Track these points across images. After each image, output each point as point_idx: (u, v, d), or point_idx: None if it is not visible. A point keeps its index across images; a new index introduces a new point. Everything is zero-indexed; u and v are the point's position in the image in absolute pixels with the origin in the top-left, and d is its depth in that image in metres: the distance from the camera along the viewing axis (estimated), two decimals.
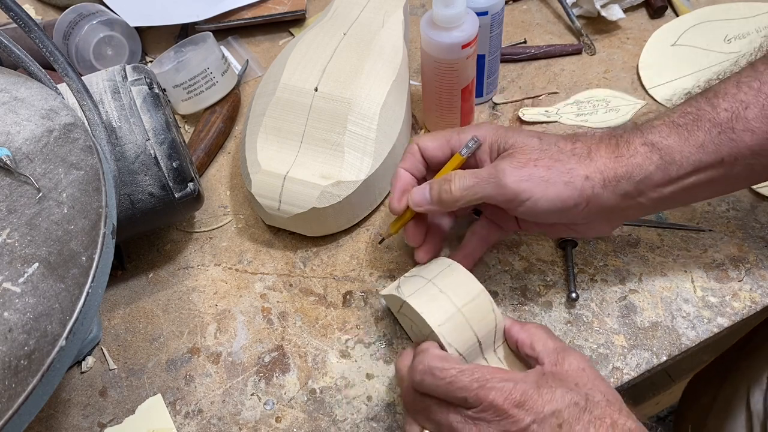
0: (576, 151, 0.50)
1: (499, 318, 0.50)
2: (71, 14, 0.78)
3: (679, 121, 0.49)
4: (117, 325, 0.61)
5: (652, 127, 0.50)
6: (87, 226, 0.42)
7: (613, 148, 0.50)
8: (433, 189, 0.52)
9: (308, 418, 0.54)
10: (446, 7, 0.61)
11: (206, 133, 0.72)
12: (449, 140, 0.54)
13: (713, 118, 0.48)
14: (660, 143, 0.49)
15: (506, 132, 0.52)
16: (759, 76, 0.48)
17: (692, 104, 0.50)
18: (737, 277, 0.59)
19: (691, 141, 0.48)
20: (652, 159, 0.49)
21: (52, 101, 0.49)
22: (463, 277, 0.51)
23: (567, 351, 0.46)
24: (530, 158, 0.49)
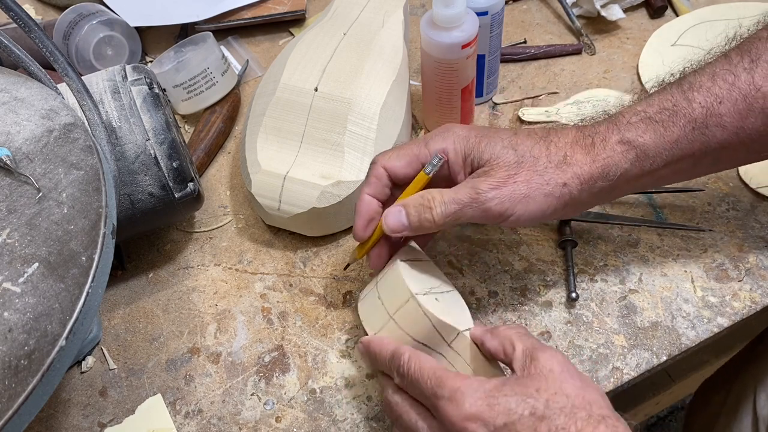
0: (551, 157, 0.49)
1: (438, 319, 0.48)
2: (71, 14, 0.78)
3: (656, 118, 0.49)
4: (117, 325, 0.61)
5: (629, 123, 0.49)
6: (87, 226, 0.42)
7: (589, 149, 0.49)
8: (411, 215, 0.50)
9: (308, 418, 0.54)
10: (446, 7, 0.61)
11: (206, 133, 0.72)
12: (417, 155, 0.52)
13: (689, 114, 0.49)
14: (636, 141, 0.49)
15: (478, 142, 0.50)
16: (733, 69, 0.49)
17: (668, 98, 0.50)
18: (737, 277, 0.59)
19: (666, 137, 0.49)
20: (627, 157, 0.49)
21: (52, 101, 0.49)
22: (397, 281, 0.50)
23: (537, 352, 0.44)
24: (508, 175, 0.48)
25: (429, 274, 0.53)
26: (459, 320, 0.50)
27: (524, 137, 0.50)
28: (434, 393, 0.43)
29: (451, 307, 0.51)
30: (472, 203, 0.48)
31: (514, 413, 0.41)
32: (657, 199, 0.65)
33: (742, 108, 0.48)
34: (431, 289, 0.51)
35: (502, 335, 0.47)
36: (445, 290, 0.53)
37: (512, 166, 0.49)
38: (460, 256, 0.62)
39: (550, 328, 0.57)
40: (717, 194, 0.64)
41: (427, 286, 0.51)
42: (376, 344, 0.49)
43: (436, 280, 0.53)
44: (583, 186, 0.49)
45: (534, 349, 0.44)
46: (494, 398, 0.41)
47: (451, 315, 0.49)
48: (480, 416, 0.41)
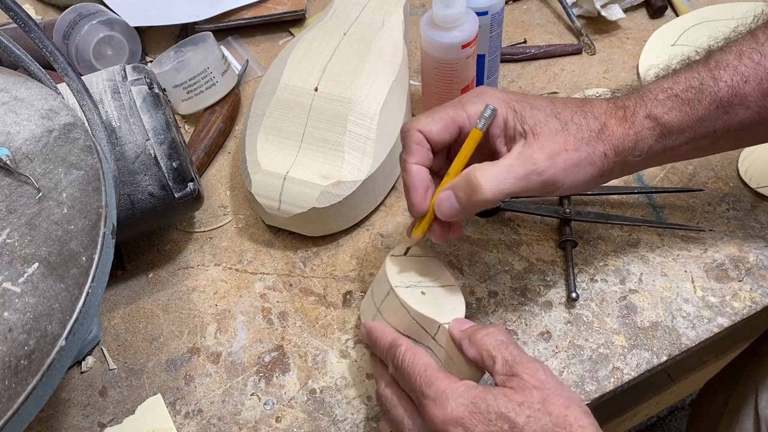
0: (591, 126, 0.48)
1: (416, 311, 0.49)
2: (71, 14, 0.78)
3: (683, 96, 0.49)
4: (117, 325, 0.61)
5: (656, 100, 0.49)
6: (87, 226, 0.42)
7: (621, 121, 0.49)
8: (461, 198, 0.47)
9: (308, 418, 0.54)
10: (446, 7, 0.61)
11: (206, 133, 0.72)
12: (454, 118, 0.48)
13: (714, 93, 0.49)
14: (662, 117, 0.49)
15: (521, 107, 0.48)
16: (760, 48, 0.49)
17: (695, 76, 0.49)
18: (737, 277, 0.59)
19: (691, 115, 0.49)
20: (653, 133, 0.49)
21: (52, 101, 0.49)
22: (382, 274, 0.52)
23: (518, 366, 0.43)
24: (558, 143, 0.47)
25: (424, 269, 0.53)
26: (447, 314, 0.50)
27: (562, 105, 0.49)
28: (422, 391, 0.44)
29: (440, 300, 0.51)
30: (530, 175, 0.46)
31: (493, 424, 0.41)
32: (657, 199, 0.65)
33: (766, 87, 0.48)
34: (419, 283, 0.52)
35: (479, 344, 0.45)
36: (440, 285, 0.53)
37: (559, 133, 0.47)
38: (460, 256, 0.62)
39: (550, 328, 0.57)
40: (717, 194, 0.64)
41: (414, 279, 0.52)
42: (377, 331, 0.50)
43: (431, 276, 0.53)
44: (617, 157, 0.49)
45: (515, 363, 0.43)
46: (476, 406, 0.41)
47: (435, 308, 0.50)
48: (460, 422, 0.41)
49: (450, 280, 0.54)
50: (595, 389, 0.54)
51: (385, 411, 0.48)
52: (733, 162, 0.66)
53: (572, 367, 0.55)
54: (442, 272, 0.54)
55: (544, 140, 0.47)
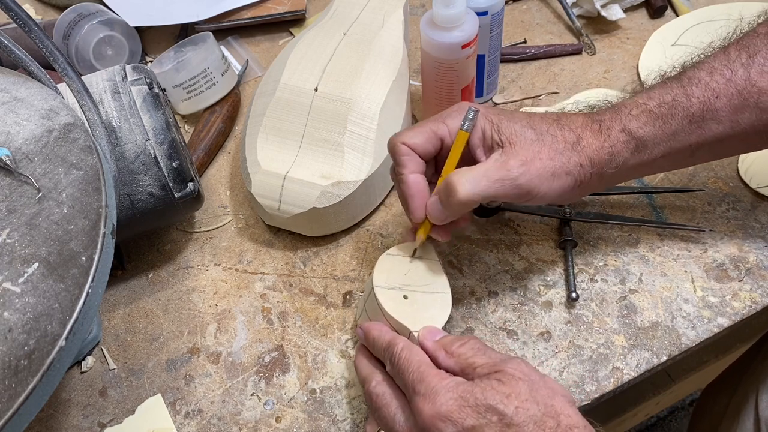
0: (567, 137, 0.50)
1: (389, 314, 0.49)
2: (71, 14, 0.78)
3: (656, 111, 0.51)
4: (117, 325, 0.61)
5: (630, 114, 0.51)
6: (87, 226, 0.42)
7: (596, 134, 0.51)
8: (443, 202, 0.50)
9: (308, 418, 0.54)
10: (446, 7, 0.61)
11: (206, 133, 0.72)
12: (435, 131, 0.51)
13: (687, 108, 0.50)
14: (637, 132, 0.51)
15: (497, 120, 0.50)
16: (731, 64, 0.50)
17: (668, 92, 0.51)
18: (737, 277, 0.59)
19: (665, 130, 0.51)
20: (628, 147, 0.51)
21: (52, 101, 0.49)
22: (374, 272, 0.52)
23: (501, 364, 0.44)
24: (533, 152, 0.49)
25: (418, 273, 0.53)
26: (423, 322, 0.50)
27: (538, 119, 0.51)
28: (413, 387, 0.44)
29: (421, 307, 0.51)
30: (504, 180, 0.48)
31: (483, 417, 0.41)
32: (657, 199, 0.65)
33: (737, 103, 0.49)
34: (406, 286, 0.52)
35: (457, 355, 0.46)
36: (427, 291, 0.52)
37: (534, 143, 0.49)
38: (460, 256, 0.62)
39: (550, 328, 0.57)
40: (717, 194, 0.64)
41: (401, 282, 0.52)
42: (375, 330, 0.50)
43: (423, 280, 0.52)
44: (594, 169, 0.50)
45: (497, 362, 0.44)
46: (465, 400, 0.42)
47: (411, 315, 0.50)
48: (449, 416, 0.41)
49: (442, 288, 0.53)
50: (595, 389, 0.54)
51: (375, 409, 0.47)
52: (733, 162, 0.66)
53: (572, 367, 0.55)
54: (437, 278, 0.53)
55: (519, 149, 0.49)
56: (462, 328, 0.58)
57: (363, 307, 0.54)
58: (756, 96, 0.49)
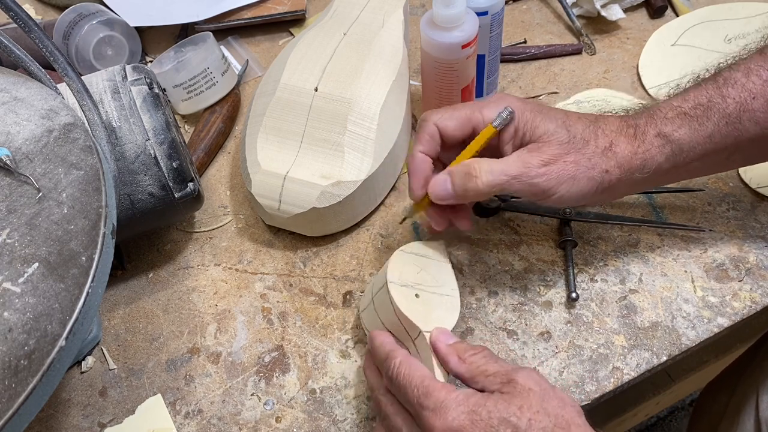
0: (599, 143, 0.50)
1: (401, 311, 0.49)
2: (71, 14, 0.78)
3: (692, 113, 0.50)
4: (117, 325, 0.61)
5: (666, 118, 0.51)
6: (87, 226, 0.42)
7: (631, 140, 0.50)
8: (456, 183, 0.50)
9: (308, 418, 0.54)
10: (446, 7, 0.61)
11: (206, 133, 0.72)
12: (470, 118, 0.51)
13: (723, 109, 0.50)
14: (672, 135, 0.50)
15: (533, 117, 0.50)
16: (767, 65, 0.50)
17: (703, 94, 0.51)
18: (737, 277, 0.59)
19: (700, 132, 0.50)
20: (663, 151, 0.50)
21: (52, 101, 0.49)
22: (385, 267, 0.52)
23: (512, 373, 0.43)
24: (559, 153, 0.49)
25: (430, 273, 0.53)
26: (433, 322, 0.50)
27: (576, 119, 0.51)
28: (420, 403, 0.43)
29: (432, 308, 0.51)
30: (521, 176, 0.48)
31: (495, 430, 0.41)
32: (657, 199, 0.65)
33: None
34: (417, 285, 0.51)
35: (469, 362, 0.46)
36: (438, 292, 0.52)
37: (563, 145, 0.49)
38: (460, 256, 0.62)
39: (550, 328, 0.57)
40: (717, 194, 0.64)
41: (414, 280, 0.51)
42: (377, 340, 0.49)
43: (434, 281, 0.53)
44: (622, 175, 0.50)
45: (508, 371, 0.44)
46: (477, 414, 0.41)
47: (422, 314, 0.50)
48: (462, 431, 0.41)
49: (452, 291, 0.53)
50: (595, 389, 0.54)
51: (384, 416, 0.47)
52: None
53: (572, 367, 0.55)
54: (448, 281, 0.53)
55: (547, 149, 0.49)
56: (462, 328, 0.58)
57: (370, 300, 0.53)
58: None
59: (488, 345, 0.56)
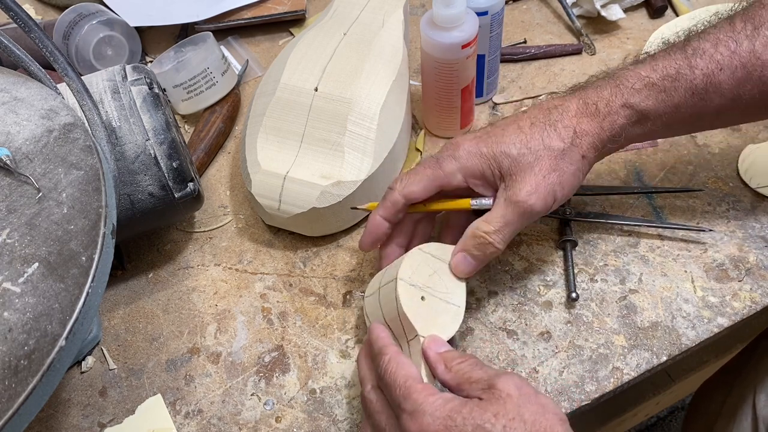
0: (564, 138, 0.51)
1: (403, 311, 0.49)
2: (71, 14, 0.78)
3: (659, 84, 0.51)
4: (117, 325, 0.61)
5: (633, 89, 0.51)
6: (87, 226, 0.42)
7: (594, 116, 0.51)
8: (476, 255, 0.51)
9: (308, 418, 0.54)
10: (446, 7, 0.61)
11: (206, 133, 0.72)
12: (435, 179, 0.53)
13: (690, 81, 0.50)
14: (639, 105, 0.51)
15: (492, 154, 0.51)
16: (736, 36, 0.50)
17: (672, 65, 0.51)
18: (737, 277, 0.59)
19: (667, 103, 0.51)
20: (631, 119, 0.51)
21: (52, 101, 0.49)
22: (400, 261, 0.52)
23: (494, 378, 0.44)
24: (536, 173, 0.50)
25: (442, 280, 0.52)
26: (431, 328, 0.50)
27: (530, 131, 0.51)
28: (399, 404, 0.43)
29: (435, 313, 0.50)
30: (523, 215, 0.50)
31: None
32: (657, 199, 0.65)
33: (740, 76, 0.50)
34: (426, 287, 0.51)
35: (455, 371, 0.46)
36: (445, 300, 0.52)
37: (534, 164, 0.50)
38: None
39: (550, 328, 0.57)
40: (717, 194, 0.64)
41: (424, 282, 0.51)
42: (374, 333, 0.49)
43: (444, 288, 0.52)
44: (597, 152, 0.52)
45: (490, 377, 0.44)
46: (452, 420, 0.41)
47: (423, 318, 0.50)
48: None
49: (459, 302, 0.52)
50: (595, 389, 0.54)
51: (369, 414, 0.47)
52: (733, 162, 0.66)
53: (572, 367, 0.55)
54: (458, 291, 0.53)
55: (522, 177, 0.50)
56: (462, 328, 0.58)
57: (377, 290, 0.53)
58: (760, 69, 0.49)
59: (488, 345, 0.56)
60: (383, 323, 0.51)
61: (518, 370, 0.55)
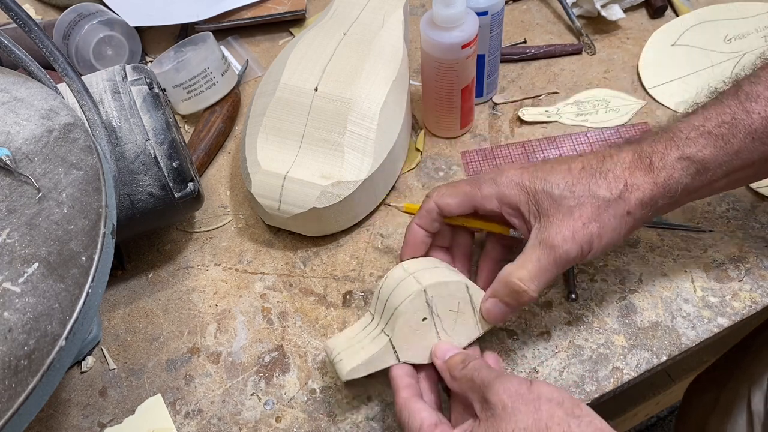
0: (612, 189, 0.48)
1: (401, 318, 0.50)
2: (71, 14, 0.78)
3: (716, 132, 0.49)
4: (117, 325, 0.61)
5: (688, 139, 0.49)
6: (87, 226, 0.42)
7: (647, 170, 0.49)
8: (510, 303, 0.50)
9: (308, 418, 0.54)
10: (446, 7, 0.61)
11: (206, 133, 0.72)
12: (471, 198, 0.52)
13: (748, 125, 0.48)
14: (696, 156, 0.49)
15: (533, 186, 0.50)
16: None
17: (726, 110, 0.49)
18: (737, 277, 0.59)
19: (727, 149, 0.49)
20: (688, 172, 0.49)
21: (52, 101, 0.49)
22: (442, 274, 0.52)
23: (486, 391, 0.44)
24: (575, 220, 0.48)
25: (458, 320, 0.52)
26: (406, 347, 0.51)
27: (578, 174, 0.49)
28: None
29: (422, 339, 0.51)
30: (557, 261, 0.48)
31: None
32: None
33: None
34: (437, 316, 0.51)
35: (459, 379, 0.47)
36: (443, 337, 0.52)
37: (574, 209, 0.48)
38: None
39: (550, 328, 0.57)
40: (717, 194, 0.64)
41: (441, 312, 0.51)
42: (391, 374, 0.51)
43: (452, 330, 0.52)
44: (645, 209, 0.49)
45: (485, 385, 0.44)
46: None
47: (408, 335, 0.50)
48: None
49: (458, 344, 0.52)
50: (595, 389, 0.54)
51: (399, 425, 0.48)
52: None
53: (572, 367, 0.55)
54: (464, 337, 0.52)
55: (560, 221, 0.48)
56: None
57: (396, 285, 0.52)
58: None
59: (488, 345, 0.56)
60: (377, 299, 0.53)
61: (518, 371, 0.55)
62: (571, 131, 0.71)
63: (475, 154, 0.70)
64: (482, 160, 0.70)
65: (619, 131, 0.70)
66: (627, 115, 0.72)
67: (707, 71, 0.74)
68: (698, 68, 0.75)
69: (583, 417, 0.42)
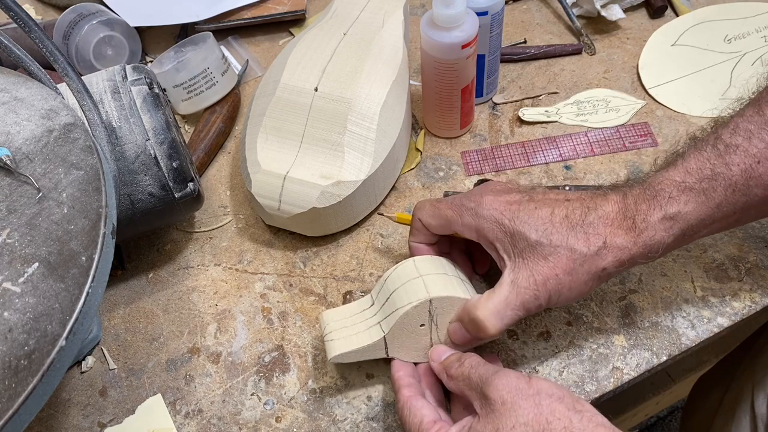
0: (590, 245, 0.48)
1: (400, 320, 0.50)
2: (71, 14, 0.78)
3: (697, 187, 0.48)
4: (117, 325, 0.61)
5: (671, 198, 0.48)
6: (87, 226, 0.42)
7: (629, 230, 0.48)
8: (469, 330, 0.50)
9: (308, 418, 0.54)
10: (446, 7, 0.61)
11: (206, 133, 0.72)
12: (451, 224, 0.53)
13: (728, 178, 0.48)
14: (679, 215, 0.48)
15: (512, 225, 0.49)
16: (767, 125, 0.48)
17: (706, 165, 0.49)
18: (737, 277, 0.59)
19: (708, 204, 0.48)
20: (671, 232, 0.48)
21: (52, 101, 0.49)
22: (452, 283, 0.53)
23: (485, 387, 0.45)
24: (548, 268, 0.48)
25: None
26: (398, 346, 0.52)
27: (559, 223, 0.49)
28: None
29: (414, 342, 0.52)
30: (525, 305, 0.49)
31: None
32: None
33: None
34: (434, 325, 0.52)
35: (455, 378, 0.48)
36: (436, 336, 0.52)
37: (549, 258, 0.48)
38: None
39: (549, 328, 0.57)
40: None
41: (442, 324, 0.52)
42: (393, 372, 0.52)
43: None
44: (621, 267, 0.49)
45: (484, 382, 0.45)
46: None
47: (401, 337, 0.51)
48: None
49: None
50: (595, 389, 0.54)
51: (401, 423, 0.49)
52: None
53: (572, 367, 0.55)
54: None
55: (533, 266, 0.48)
56: None
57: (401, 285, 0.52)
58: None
59: (488, 345, 0.56)
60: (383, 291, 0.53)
61: (518, 371, 0.55)
62: (571, 131, 0.71)
63: (475, 154, 0.70)
64: (482, 160, 0.70)
65: (618, 131, 0.70)
66: (627, 115, 0.72)
67: (707, 71, 0.74)
68: (698, 68, 0.75)
69: (584, 412, 0.43)
